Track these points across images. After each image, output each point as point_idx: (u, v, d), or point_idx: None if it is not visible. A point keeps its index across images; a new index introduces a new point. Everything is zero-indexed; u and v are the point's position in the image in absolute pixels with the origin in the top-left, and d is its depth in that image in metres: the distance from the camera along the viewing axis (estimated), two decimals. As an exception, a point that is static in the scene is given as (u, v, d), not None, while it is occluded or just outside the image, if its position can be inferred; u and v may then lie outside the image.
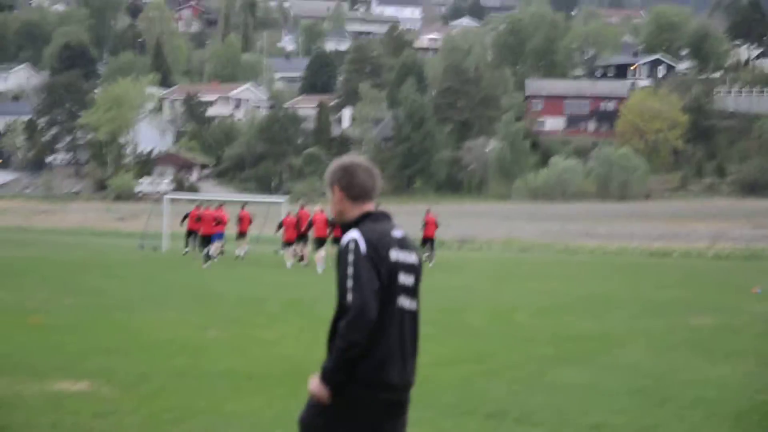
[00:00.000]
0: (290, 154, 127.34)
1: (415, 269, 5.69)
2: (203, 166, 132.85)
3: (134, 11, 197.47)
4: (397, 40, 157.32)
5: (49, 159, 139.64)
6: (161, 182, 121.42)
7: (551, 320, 20.43)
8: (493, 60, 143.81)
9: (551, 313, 21.75)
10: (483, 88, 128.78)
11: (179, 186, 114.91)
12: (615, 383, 13.00)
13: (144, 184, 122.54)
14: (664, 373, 13.91)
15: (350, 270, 5.47)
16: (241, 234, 41.21)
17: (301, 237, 37.35)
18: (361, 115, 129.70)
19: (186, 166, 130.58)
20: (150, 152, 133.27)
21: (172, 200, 50.36)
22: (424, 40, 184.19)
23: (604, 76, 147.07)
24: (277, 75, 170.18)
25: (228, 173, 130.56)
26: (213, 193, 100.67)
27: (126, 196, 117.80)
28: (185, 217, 41.57)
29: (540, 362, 14.64)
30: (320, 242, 35.28)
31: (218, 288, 26.05)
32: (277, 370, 13.27)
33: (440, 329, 18.31)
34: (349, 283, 5.46)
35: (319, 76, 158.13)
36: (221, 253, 38.51)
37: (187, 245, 41.79)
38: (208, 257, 35.50)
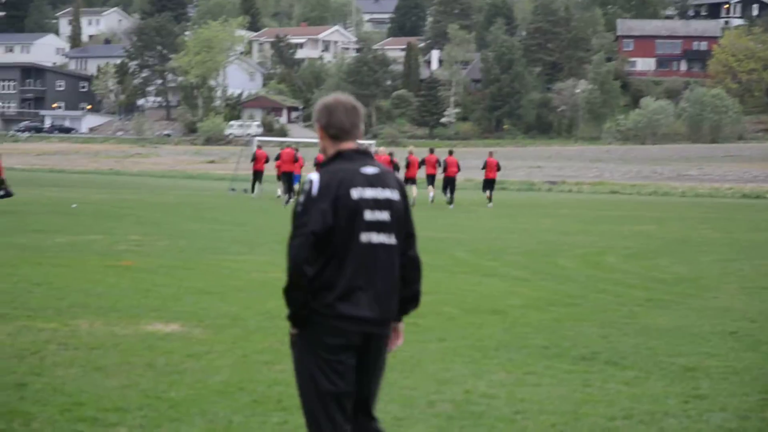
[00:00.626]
0: (379, 97, 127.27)
1: (389, 204, 5.74)
2: (292, 109, 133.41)
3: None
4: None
5: (140, 102, 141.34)
6: (250, 125, 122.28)
7: (642, 263, 20.26)
8: (584, 0, 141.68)
9: (642, 256, 21.56)
10: (573, 28, 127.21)
11: (268, 129, 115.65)
12: (707, 326, 12.87)
13: (233, 127, 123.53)
14: (757, 316, 13.75)
15: (298, 209, 5.69)
16: None
17: None
18: (449, 57, 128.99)
19: (275, 109, 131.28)
20: (239, 95, 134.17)
21: (261, 143, 50.67)
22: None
23: (696, 15, 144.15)
24: (366, 17, 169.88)
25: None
26: (301, 136, 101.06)
27: (216, 138, 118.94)
28: (276, 157, 41.66)
29: (631, 305, 14.54)
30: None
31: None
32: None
33: (531, 272, 18.29)
34: (294, 223, 5.71)
35: (407, 18, 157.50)
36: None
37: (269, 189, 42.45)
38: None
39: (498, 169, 43.05)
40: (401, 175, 38.82)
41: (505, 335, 11.94)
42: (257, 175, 42.96)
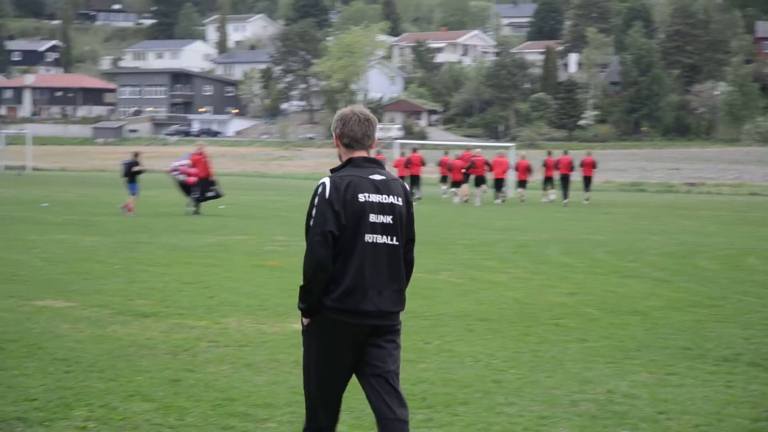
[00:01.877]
0: (517, 100, 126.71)
1: (393, 209, 6.17)
2: (431, 112, 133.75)
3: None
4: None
5: (284, 106, 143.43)
6: (391, 128, 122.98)
7: (786, 266, 19.91)
8: (723, 2, 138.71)
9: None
10: (712, 30, 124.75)
11: (408, 132, 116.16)
12: None
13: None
14: None
15: (313, 211, 6.14)
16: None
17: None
18: (588, 60, 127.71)
19: (415, 112, 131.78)
20: (380, 99, 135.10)
21: (402, 145, 51.11)
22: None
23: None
24: (505, 21, 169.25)
25: (456, 119, 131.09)
26: (441, 138, 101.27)
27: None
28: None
29: (773, 308, 14.35)
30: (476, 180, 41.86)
31: (449, 232, 26.39)
32: (508, 312, 13.46)
33: (671, 273, 18.13)
34: (310, 222, 6.14)
35: (546, 22, 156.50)
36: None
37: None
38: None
39: (594, 167, 43.97)
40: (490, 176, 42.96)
41: (646, 336, 11.92)
42: (414, 180, 43.04)
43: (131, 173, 30.13)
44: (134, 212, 29.76)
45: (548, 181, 44.38)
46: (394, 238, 6.17)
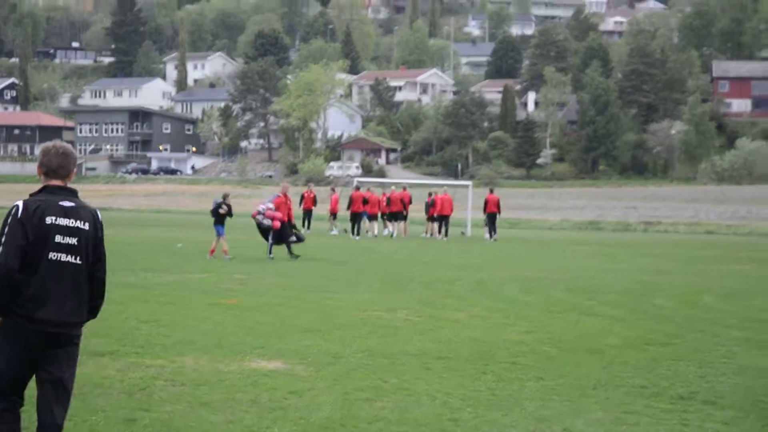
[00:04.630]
0: (475, 138, 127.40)
1: (78, 232, 6.91)
2: (390, 150, 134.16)
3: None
4: (583, 23, 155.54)
5: (243, 144, 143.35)
6: (350, 166, 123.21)
7: (740, 303, 20.09)
8: (679, 42, 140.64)
9: (740, 296, 21.37)
10: (668, 70, 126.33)
11: (367, 170, 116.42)
12: (809, 369, 12.73)
13: (333, 168, 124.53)
14: None
15: (5, 230, 6.80)
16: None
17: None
18: (545, 99, 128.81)
19: (374, 151, 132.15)
20: (339, 137, 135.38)
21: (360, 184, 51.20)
22: (610, 23, 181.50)
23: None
24: (463, 60, 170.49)
25: (414, 157, 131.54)
26: (399, 176, 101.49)
27: (316, 180, 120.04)
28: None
29: (729, 345, 14.47)
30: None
31: (407, 270, 26.42)
32: (466, 351, 13.48)
33: (628, 312, 18.25)
34: (2, 239, 6.79)
35: (504, 61, 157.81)
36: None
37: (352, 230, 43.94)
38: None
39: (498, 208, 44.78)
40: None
41: (603, 374, 11.98)
42: (354, 217, 43.90)
43: (218, 215, 29.31)
44: (216, 254, 28.84)
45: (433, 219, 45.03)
46: (78, 258, 6.90)
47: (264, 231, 30.33)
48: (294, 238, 30.26)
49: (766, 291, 22.58)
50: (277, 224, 29.84)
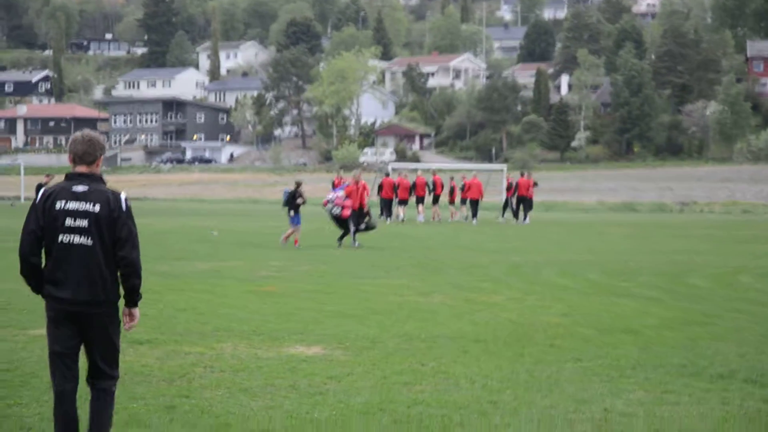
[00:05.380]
0: (509, 122, 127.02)
1: (88, 215, 7.19)
2: (424, 136, 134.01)
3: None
4: (615, 5, 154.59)
5: (276, 132, 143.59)
6: (384, 152, 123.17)
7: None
8: (713, 22, 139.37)
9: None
10: (702, 51, 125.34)
11: (401, 156, 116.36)
12: None
13: (367, 155, 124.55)
14: None
15: (28, 214, 7.30)
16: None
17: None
18: (579, 82, 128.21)
19: (407, 136, 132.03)
20: (373, 123, 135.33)
21: (395, 170, 51.23)
22: (642, 5, 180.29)
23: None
24: (496, 44, 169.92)
25: (448, 142, 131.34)
26: (433, 162, 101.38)
27: (350, 166, 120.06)
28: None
29: (766, 324, 14.35)
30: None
31: (442, 255, 26.41)
32: (503, 333, 13.46)
33: (665, 293, 18.16)
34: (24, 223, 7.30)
35: (537, 45, 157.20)
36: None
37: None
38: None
39: (528, 188, 44.38)
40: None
41: (641, 354, 11.93)
42: (385, 203, 43.84)
43: (294, 205, 29.14)
44: (299, 244, 28.87)
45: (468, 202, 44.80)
46: (90, 239, 7.17)
47: (337, 219, 30.12)
48: (363, 227, 29.99)
49: (805, 270, 22.41)
50: (347, 212, 29.65)
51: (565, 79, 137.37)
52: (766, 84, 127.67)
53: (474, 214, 43.81)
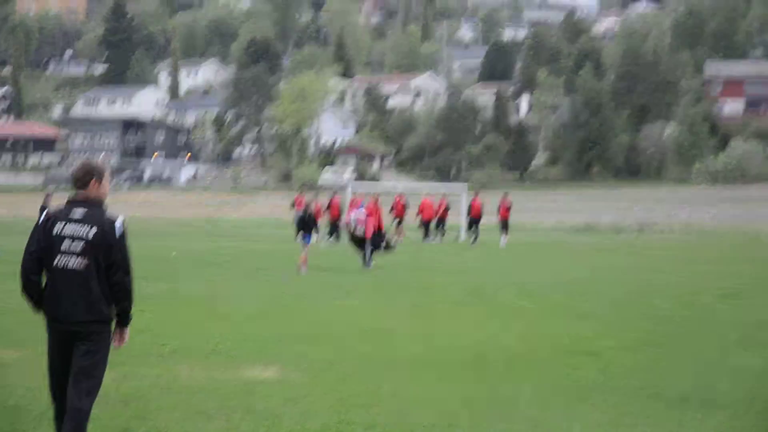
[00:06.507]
0: (469, 143, 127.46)
1: (83, 238, 7.56)
2: (384, 156, 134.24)
3: (317, 4, 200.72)
4: (575, 26, 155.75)
5: (236, 152, 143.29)
6: (344, 172, 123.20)
7: (736, 303, 20.06)
8: (671, 43, 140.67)
9: (736, 296, 21.33)
10: (661, 72, 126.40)
11: (361, 176, 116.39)
12: (805, 368, 12.72)
13: (327, 175, 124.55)
14: None
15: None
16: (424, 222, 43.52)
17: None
18: (538, 102, 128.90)
19: (367, 156, 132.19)
20: (333, 143, 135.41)
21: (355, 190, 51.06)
22: (601, 25, 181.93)
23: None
24: (457, 64, 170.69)
25: (408, 163, 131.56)
26: (394, 182, 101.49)
27: (310, 186, 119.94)
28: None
29: (726, 345, 14.45)
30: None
31: (401, 276, 26.38)
32: (461, 355, 13.45)
33: (624, 314, 18.23)
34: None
35: (497, 65, 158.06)
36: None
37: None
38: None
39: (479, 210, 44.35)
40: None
41: (599, 377, 11.96)
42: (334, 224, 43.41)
43: (304, 223, 28.47)
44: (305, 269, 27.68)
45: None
46: (83, 263, 7.55)
47: (357, 240, 30.02)
48: (383, 247, 30.03)
49: (763, 291, 22.59)
50: (370, 232, 29.65)
51: (525, 100, 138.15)
52: (724, 105, 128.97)
53: (426, 235, 43.93)
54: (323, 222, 41.58)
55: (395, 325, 16.55)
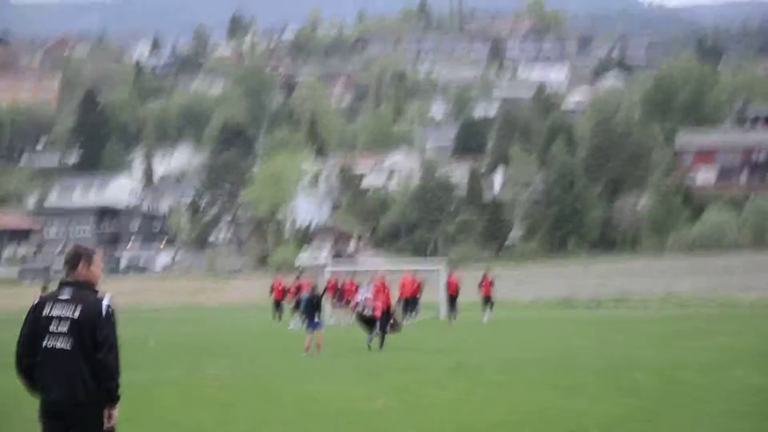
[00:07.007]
0: (444, 220, 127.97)
1: (69, 320, 7.75)
2: (360, 237, 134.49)
3: (288, 89, 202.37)
4: (545, 102, 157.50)
5: (211, 237, 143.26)
6: (320, 254, 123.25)
7: (718, 375, 20.05)
8: (642, 116, 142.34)
9: (718, 368, 21.31)
10: (632, 144, 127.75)
11: (338, 256, 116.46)
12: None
13: (304, 257, 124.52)
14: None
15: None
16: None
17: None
18: (512, 179, 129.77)
19: (343, 237, 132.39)
20: (308, 224, 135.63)
21: (332, 272, 51.04)
22: (573, 97, 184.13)
23: (755, 126, 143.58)
24: (428, 143, 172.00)
25: (385, 241, 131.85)
26: (369, 262, 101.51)
27: (286, 269, 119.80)
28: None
29: (710, 418, 14.43)
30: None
31: (381, 356, 26.29)
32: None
33: (607, 389, 18.17)
34: None
35: (469, 142, 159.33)
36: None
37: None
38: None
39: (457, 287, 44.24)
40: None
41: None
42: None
43: (311, 306, 28.45)
44: (310, 351, 27.65)
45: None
46: (69, 344, 7.70)
47: (366, 321, 29.96)
48: (389, 328, 29.96)
49: (742, 362, 22.57)
50: (378, 313, 29.65)
51: (498, 176, 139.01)
52: (696, 175, 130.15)
53: (405, 312, 43.89)
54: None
55: (379, 407, 16.45)
